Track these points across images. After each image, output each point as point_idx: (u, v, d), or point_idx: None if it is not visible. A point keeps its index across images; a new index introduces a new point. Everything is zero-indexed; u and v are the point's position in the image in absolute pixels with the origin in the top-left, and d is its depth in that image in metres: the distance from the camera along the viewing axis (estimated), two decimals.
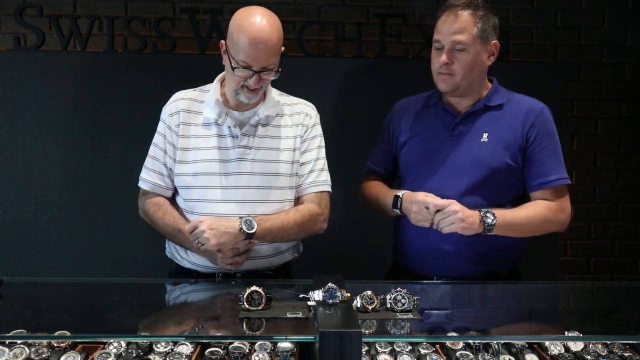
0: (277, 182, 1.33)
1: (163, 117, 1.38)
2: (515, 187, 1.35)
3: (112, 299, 1.21)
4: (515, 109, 1.36)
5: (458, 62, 1.31)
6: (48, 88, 1.94)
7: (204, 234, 1.22)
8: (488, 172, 1.31)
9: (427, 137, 1.39)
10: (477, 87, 1.37)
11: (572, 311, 1.23)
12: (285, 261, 1.40)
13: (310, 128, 1.38)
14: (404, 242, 1.41)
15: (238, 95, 1.29)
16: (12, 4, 2.06)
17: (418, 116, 1.43)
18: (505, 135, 1.33)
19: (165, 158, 1.35)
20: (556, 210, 1.32)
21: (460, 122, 1.36)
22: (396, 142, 1.45)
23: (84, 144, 1.96)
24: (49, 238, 1.95)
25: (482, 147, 1.33)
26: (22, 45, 2.03)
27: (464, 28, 1.30)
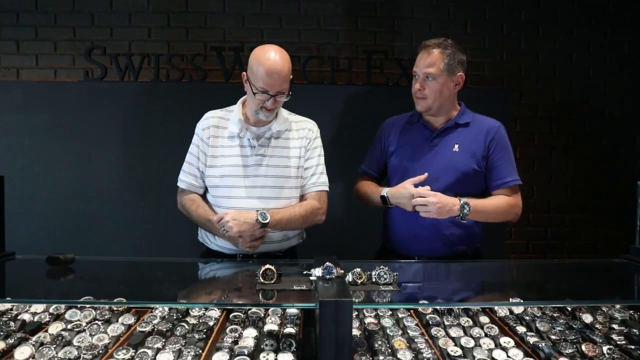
0: (286, 183, 1.32)
1: (197, 131, 1.36)
2: (479, 186, 1.36)
3: (157, 274, 1.19)
4: (479, 126, 1.37)
5: (429, 89, 1.33)
6: (109, 110, 1.94)
7: (228, 224, 1.21)
8: (459, 175, 1.32)
9: (411, 147, 1.39)
10: (447, 108, 1.37)
11: (515, 283, 1.22)
12: (292, 245, 1.38)
13: (313, 140, 1.37)
14: (390, 229, 1.41)
15: (258, 114, 1.27)
16: (83, 45, 2.08)
17: (403, 131, 1.43)
18: (472, 146, 1.34)
19: (199, 163, 1.33)
20: (512, 204, 1.34)
21: (437, 135, 1.37)
22: (386, 150, 1.45)
23: (136, 153, 1.96)
24: (108, 226, 1.94)
25: (454, 155, 1.34)
26: (90, 77, 2.03)
27: (434, 63, 1.32)
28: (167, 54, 2.07)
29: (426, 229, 1.32)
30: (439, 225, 1.31)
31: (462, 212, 1.26)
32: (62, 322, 0.98)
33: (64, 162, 1.96)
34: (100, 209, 1.95)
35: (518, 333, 0.98)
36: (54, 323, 0.98)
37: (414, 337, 0.96)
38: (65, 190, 1.95)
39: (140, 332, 0.95)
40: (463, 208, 1.26)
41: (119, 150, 1.96)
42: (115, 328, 0.96)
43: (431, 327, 1.00)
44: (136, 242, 1.94)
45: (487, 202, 1.32)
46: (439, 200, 1.24)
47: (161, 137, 1.94)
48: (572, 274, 1.24)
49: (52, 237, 1.92)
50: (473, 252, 1.38)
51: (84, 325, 0.97)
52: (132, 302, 0.97)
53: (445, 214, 1.25)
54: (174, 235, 1.89)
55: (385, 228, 1.44)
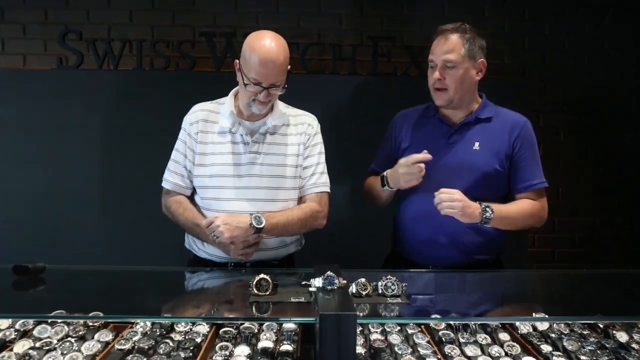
0: (283, 183, 1.32)
1: (184, 125, 1.36)
2: (501, 189, 1.37)
3: (138, 285, 1.19)
4: (502, 121, 1.37)
5: (450, 78, 1.33)
6: (86, 101, 1.94)
7: (219, 228, 1.21)
8: (479, 176, 1.32)
9: (426, 144, 1.38)
10: (468, 100, 1.37)
11: (539, 295, 1.22)
12: (289, 253, 1.39)
13: (312, 136, 1.37)
14: (402, 233, 1.41)
15: (250, 107, 1.28)
16: (56, 29, 2.07)
17: (417, 126, 1.44)
18: (494, 144, 1.34)
19: (186, 161, 1.34)
20: (538, 208, 1.35)
21: (455, 131, 1.37)
22: (398, 147, 1.45)
23: (116, 150, 1.96)
24: (84, 231, 1.94)
25: (474, 154, 1.34)
26: (64, 65, 2.03)
27: (453, 48, 1.32)
28: (150, 39, 2.08)
29: (443, 234, 1.32)
30: (457, 231, 1.31)
31: (483, 215, 1.26)
32: (30, 340, 0.97)
33: (35, 160, 1.95)
34: (75, 212, 1.95)
35: (543, 352, 0.98)
36: (20, 341, 0.97)
37: (425, 356, 0.96)
38: (36, 190, 1.95)
39: (118, 350, 0.95)
40: (485, 211, 1.26)
41: (96, 147, 1.96)
42: (91, 346, 0.96)
43: (444, 344, 1.00)
44: (115, 248, 1.94)
45: (511, 206, 1.32)
46: (463, 198, 1.25)
47: (144, 133, 1.94)
48: (604, 286, 1.23)
49: (20, 244, 1.92)
50: (493, 262, 1.38)
51: (55, 343, 0.96)
52: (109, 317, 0.98)
53: (468, 216, 1.25)
54: (157, 242, 1.88)
55: (396, 232, 1.44)
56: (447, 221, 1.26)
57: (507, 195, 1.38)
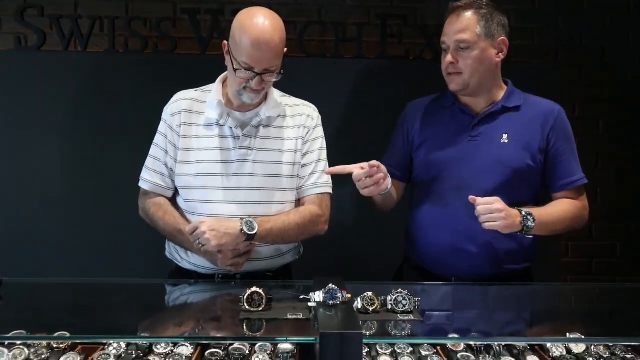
0: (279, 183, 1.34)
1: (164, 117, 1.38)
2: (533, 187, 1.38)
3: (111, 300, 1.21)
4: (533, 111, 1.38)
5: (463, 60, 1.34)
6: (49, 88, 1.94)
7: (205, 235, 1.22)
8: (510, 173, 1.33)
9: (444, 138, 1.39)
10: (488, 85, 1.38)
11: (574, 313, 1.23)
12: (285, 263, 1.41)
13: (312, 130, 1.39)
14: (418, 240, 1.41)
15: (241, 95, 1.30)
16: (13, 4, 2.05)
17: (434, 117, 1.44)
18: (525, 136, 1.35)
19: (166, 158, 1.36)
20: (580, 208, 1.37)
21: (479, 122, 1.38)
22: (411, 143, 1.46)
23: (85, 144, 1.96)
24: (48, 238, 1.94)
25: (502, 147, 1.35)
26: (23, 45, 2.03)
27: (467, 27, 1.33)
28: (125, 17, 2.08)
29: (471, 242, 1.32)
30: (487, 238, 1.31)
31: (525, 224, 1.26)
32: None
33: None
34: (38, 215, 1.95)
35: None
36: None
37: None
38: None
39: None
40: (526, 219, 1.26)
41: (61, 141, 1.96)
42: None
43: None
44: (84, 257, 1.95)
45: (552, 209, 1.33)
46: (504, 208, 1.24)
47: (117, 125, 1.95)
48: None
49: None
50: (523, 272, 1.39)
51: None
52: (78, 337, 0.98)
53: (509, 227, 1.25)
54: (134, 250, 1.91)
55: (410, 239, 1.45)
56: (475, 226, 1.27)
57: (543, 194, 1.39)
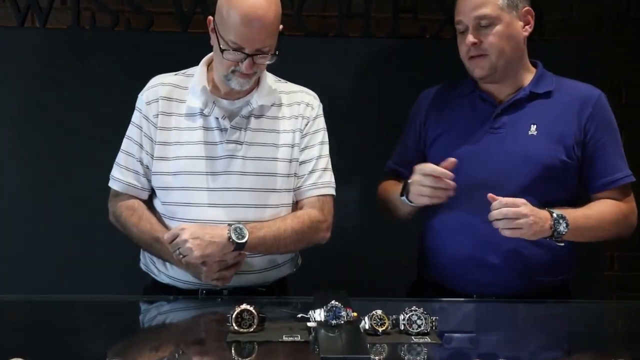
0: (273, 183, 1.35)
1: (139, 105, 1.39)
2: (569, 187, 1.37)
3: (76, 320, 1.22)
4: (568, 97, 1.38)
5: (488, 40, 1.34)
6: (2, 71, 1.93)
7: (187, 244, 1.23)
8: (540, 170, 1.33)
9: (463, 131, 1.40)
10: (516, 67, 1.39)
11: (620, 336, 1.24)
12: (281, 276, 1.42)
13: (312, 121, 1.40)
14: (434, 252, 1.42)
15: (229, 80, 1.31)
16: None
17: (450, 107, 1.45)
18: (558, 127, 1.35)
19: (141, 154, 1.37)
20: (627, 211, 1.36)
21: (503, 112, 1.38)
22: (424, 138, 1.47)
23: (44, 136, 1.95)
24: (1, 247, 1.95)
25: (530, 141, 1.35)
26: None
27: (486, 0, 1.33)
28: None
29: (495, 252, 1.33)
30: (515, 247, 1.31)
31: (555, 229, 1.25)
32: None
33: None
34: None
35: None
36: None
37: None
38: None
39: None
40: (557, 223, 1.25)
41: (17, 133, 1.96)
42: None
43: None
44: (44, 271, 1.95)
45: (591, 212, 1.32)
46: (531, 211, 1.24)
47: (84, 115, 1.95)
48: None
49: None
50: (558, 287, 1.39)
51: None
52: None
53: (538, 233, 1.25)
54: (103, 261, 1.91)
55: (424, 250, 1.46)
56: (499, 233, 1.28)
57: (580, 195, 1.38)
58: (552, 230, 1.26)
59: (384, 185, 1.53)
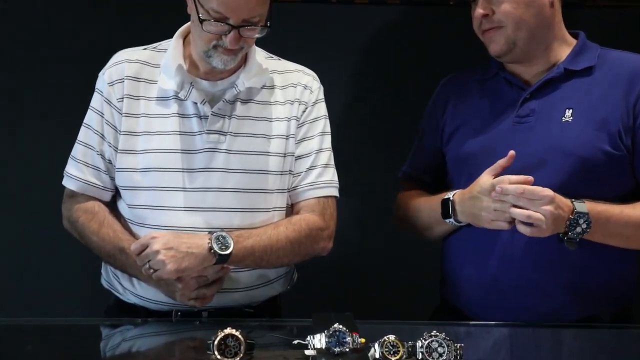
0: (263, 182, 1.37)
1: (99, 86, 1.41)
2: (619, 184, 1.35)
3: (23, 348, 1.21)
4: (613, 72, 1.37)
5: (500, 8, 1.35)
6: None
7: (158, 256, 1.24)
8: (577, 165, 1.32)
9: (485, 120, 1.42)
10: (545, 39, 1.39)
11: None
12: (273, 294, 1.44)
13: (311, 106, 1.42)
14: (452, 271, 1.44)
15: (210, 57, 1.32)
16: None
17: (472, 94, 1.47)
18: (599, 110, 1.35)
19: (102, 146, 1.38)
20: None
21: (532, 96, 1.39)
22: (442, 132, 1.49)
23: None
24: None
25: (565, 129, 1.35)
26: None
27: None
28: None
29: (535, 268, 1.33)
30: (557, 260, 1.32)
31: (571, 225, 1.24)
32: None
33: None
34: None
35: None
36: None
37: None
38: None
39: None
40: (575, 221, 1.24)
41: None
42: None
43: None
44: None
45: (629, 210, 1.31)
46: (554, 197, 1.23)
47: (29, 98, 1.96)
48: None
49: None
50: (615, 311, 1.39)
51: None
52: None
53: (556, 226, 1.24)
54: (56, 276, 1.91)
55: (444, 269, 1.48)
56: (545, 248, 1.29)
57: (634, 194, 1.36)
58: (566, 223, 1.25)
59: (406, 199, 1.53)
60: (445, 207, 1.38)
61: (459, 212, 1.36)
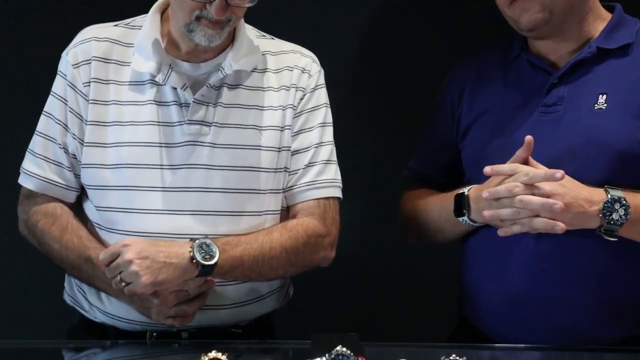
0: (254, 181, 1.37)
1: (63, 69, 1.41)
2: None
3: None
4: None
5: None
6: None
7: (131, 267, 1.24)
8: (612, 158, 1.33)
9: (506, 110, 1.42)
10: (580, 10, 1.39)
11: None
12: (265, 312, 1.44)
13: (310, 93, 1.42)
14: (470, 286, 1.45)
15: (192, 32, 1.31)
16: None
17: (491, 80, 1.48)
18: (638, 96, 1.36)
19: (66, 138, 1.38)
20: None
21: (560, 81, 1.40)
22: (457, 126, 1.49)
23: None
24: None
25: (598, 118, 1.36)
26: None
27: None
28: None
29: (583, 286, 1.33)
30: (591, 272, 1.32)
31: (605, 215, 1.25)
32: None
33: None
34: None
35: None
36: None
37: None
38: None
39: None
40: (610, 206, 1.25)
41: None
42: None
43: None
44: None
45: None
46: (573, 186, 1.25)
47: None
48: None
49: None
50: None
51: None
52: None
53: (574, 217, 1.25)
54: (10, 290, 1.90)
55: (461, 283, 1.49)
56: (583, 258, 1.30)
57: None
58: (601, 214, 1.25)
59: (412, 198, 1.54)
60: (459, 203, 1.38)
61: (474, 210, 1.37)
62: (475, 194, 1.36)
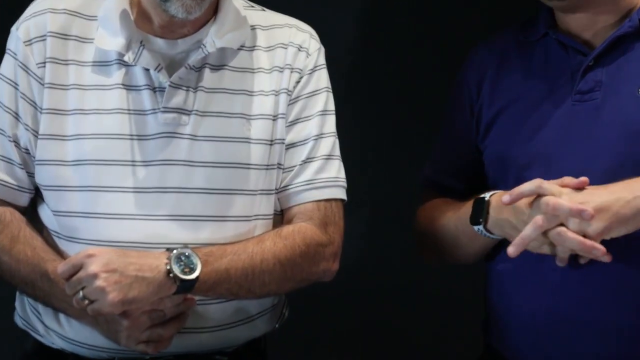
0: (242, 180, 1.37)
1: (13, 47, 1.41)
2: None
3: None
4: None
5: None
6: None
7: (97, 281, 1.23)
8: None
9: (534, 100, 1.44)
10: None
11: None
12: (255, 335, 1.45)
13: (308, 75, 1.43)
14: (497, 306, 1.46)
15: (166, 2, 1.31)
16: None
17: (513, 67, 1.49)
18: None
19: (17, 129, 1.39)
20: None
21: (597, 62, 1.40)
22: (477, 123, 1.51)
23: None
24: None
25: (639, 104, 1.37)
26: None
27: None
28: None
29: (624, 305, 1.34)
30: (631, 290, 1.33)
31: None
32: None
33: None
34: None
35: None
36: None
37: None
38: None
39: None
40: None
41: None
42: None
43: None
44: None
45: None
46: None
47: None
48: None
49: None
50: None
51: None
52: None
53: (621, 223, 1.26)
54: None
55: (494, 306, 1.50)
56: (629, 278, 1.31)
57: None
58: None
59: (427, 209, 1.56)
60: (477, 208, 1.39)
61: (492, 220, 1.37)
62: (498, 202, 1.36)
